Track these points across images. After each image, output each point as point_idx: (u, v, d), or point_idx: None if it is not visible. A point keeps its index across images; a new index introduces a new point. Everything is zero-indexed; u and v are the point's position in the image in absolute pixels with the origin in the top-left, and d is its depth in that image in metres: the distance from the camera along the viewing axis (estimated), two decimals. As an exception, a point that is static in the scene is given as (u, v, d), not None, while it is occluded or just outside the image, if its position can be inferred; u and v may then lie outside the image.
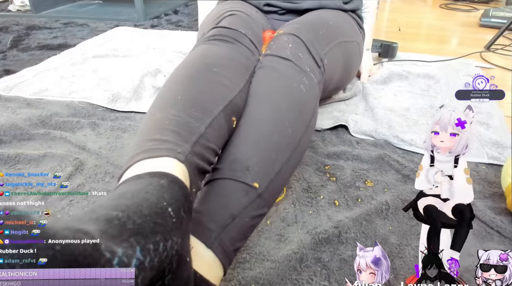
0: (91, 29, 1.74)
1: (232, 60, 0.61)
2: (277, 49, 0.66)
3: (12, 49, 1.44)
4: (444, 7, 2.33)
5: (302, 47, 0.67)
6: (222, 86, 0.55)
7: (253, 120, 0.56)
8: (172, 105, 0.50)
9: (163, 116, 0.48)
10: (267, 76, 0.62)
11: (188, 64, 0.59)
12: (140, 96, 1.01)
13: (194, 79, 0.55)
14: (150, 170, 0.40)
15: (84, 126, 0.86)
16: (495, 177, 0.70)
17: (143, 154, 0.43)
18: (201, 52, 0.62)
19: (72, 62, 1.24)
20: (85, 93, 1.01)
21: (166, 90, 0.54)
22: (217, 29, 0.67)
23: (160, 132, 0.45)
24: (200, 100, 0.51)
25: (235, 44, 0.65)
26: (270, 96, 0.59)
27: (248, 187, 0.48)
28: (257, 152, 0.52)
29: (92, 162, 0.73)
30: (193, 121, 0.48)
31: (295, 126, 0.56)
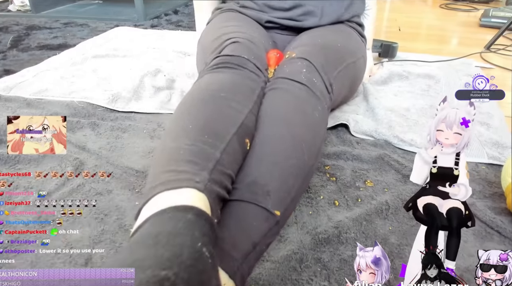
0: (91, 29, 1.74)
1: (237, 84, 0.61)
2: (291, 73, 0.65)
3: (12, 49, 1.44)
4: (444, 7, 2.33)
5: (315, 72, 0.67)
6: (231, 109, 0.54)
7: (270, 141, 0.55)
8: (184, 134, 0.48)
9: (176, 146, 0.47)
10: (282, 98, 0.62)
11: (195, 93, 0.58)
12: (140, 96, 1.01)
13: (203, 106, 0.54)
14: (172, 203, 0.39)
15: (84, 126, 0.86)
16: (495, 177, 0.70)
17: (160, 186, 0.41)
18: (206, 81, 0.62)
19: (72, 62, 1.24)
20: (85, 93, 1.01)
21: (176, 121, 0.53)
22: (220, 58, 0.67)
23: (176, 163, 0.44)
24: (212, 127, 0.50)
25: (239, 70, 0.65)
26: (287, 118, 0.58)
27: (268, 214, 0.47)
28: (276, 176, 0.51)
29: (92, 162, 0.73)
30: (207, 148, 0.47)
31: (310, 152, 0.56)
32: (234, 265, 0.42)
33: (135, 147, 0.79)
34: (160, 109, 0.95)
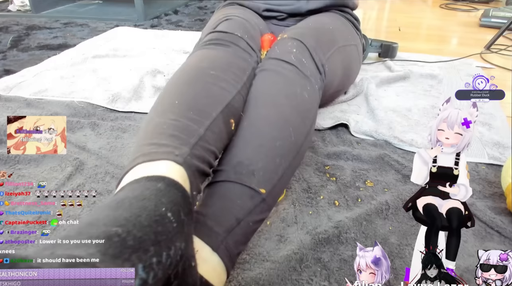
0: (91, 29, 1.74)
1: (228, 63, 0.61)
2: (281, 53, 0.66)
3: (12, 49, 1.44)
4: (444, 7, 2.33)
5: (306, 52, 0.67)
6: (219, 89, 0.55)
7: (258, 123, 0.55)
8: (170, 110, 0.50)
9: (161, 121, 0.48)
10: (271, 80, 0.62)
11: (185, 70, 0.59)
12: (140, 96, 1.01)
13: (191, 83, 0.55)
14: (147, 174, 0.40)
15: (84, 126, 0.86)
16: (495, 177, 0.70)
17: (141, 157, 0.43)
18: (197, 57, 0.63)
19: (72, 62, 1.24)
20: (85, 93, 1.01)
21: (164, 96, 0.54)
22: (213, 34, 0.68)
23: (159, 136, 0.46)
24: (198, 104, 0.51)
25: (231, 47, 0.65)
26: (274, 100, 0.58)
27: (253, 192, 0.49)
28: (262, 156, 0.52)
29: (92, 162, 0.73)
30: (192, 125, 0.48)
31: (298, 133, 0.57)
32: (217, 239, 0.44)
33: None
34: (160, 109, 0.95)
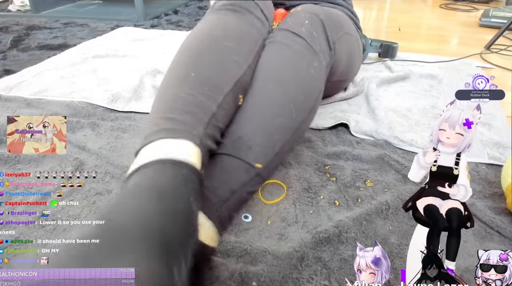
0: (91, 29, 1.74)
1: (242, 33, 0.60)
2: (292, 25, 0.65)
3: (12, 49, 1.44)
4: (444, 7, 2.33)
5: (319, 25, 0.66)
6: (232, 62, 0.55)
7: (260, 100, 0.56)
8: (185, 81, 0.51)
9: (177, 93, 0.49)
10: (278, 54, 0.62)
11: (198, 37, 0.58)
12: (140, 96, 1.01)
13: (205, 54, 0.55)
14: (170, 153, 0.42)
15: (84, 126, 0.86)
16: (495, 177, 0.70)
17: (162, 132, 0.44)
18: (211, 23, 0.61)
19: (72, 62, 1.24)
20: (85, 93, 1.01)
21: (179, 64, 0.54)
22: (229, 1, 0.66)
23: (176, 111, 0.47)
24: (212, 78, 0.52)
25: (246, 15, 0.63)
26: (279, 76, 0.59)
27: (248, 166, 0.51)
28: (261, 133, 0.53)
29: (92, 162, 0.73)
30: (205, 101, 0.49)
31: (300, 110, 0.58)
32: (212, 208, 0.48)
33: (135, 147, 0.78)
34: (160, 109, 0.95)
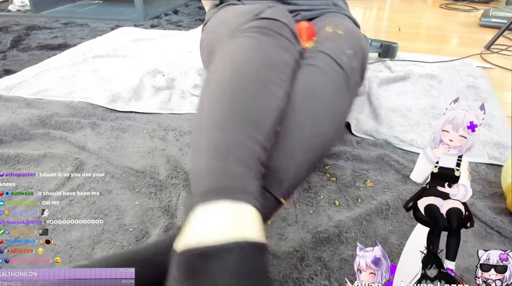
0: (91, 29, 1.74)
1: (276, 58, 0.58)
2: (334, 51, 0.63)
3: (12, 49, 1.44)
4: (444, 7, 2.33)
5: (359, 56, 0.65)
6: (271, 95, 0.53)
7: (295, 133, 0.55)
8: (232, 123, 0.47)
9: (224, 137, 0.46)
10: (316, 82, 0.60)
11: (236, 67, 0.55)
12: (140, 96, 1.01)
13: (248, 88, 0.52)
14: (242, 229, 0.38)
15: (84, 126, 0.86)
16: (495, 177, 0.70)
17: (222, 191, 0.41)
18: (245, 49, 0.58)
19: (72, 62, 1.24)
20: (85, 93, 1.01)
21: (219, 101, 0.50)
22: (258, 21, 0.62)
23: (228, 160, 0.43)
24: (256, 116, 0.49)
25: (277, 38, 0.61)
26: (315, 109, 0.57)
27: (275, 200, 0.50)
28: (292, 168, 0.52)
29: (92, 162, 0.73)
30: (253, 145, 0.46)
31: (328, 145, 0.58)
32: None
33: (135, 147, 0.78)
34: (160, 109, 0.95)
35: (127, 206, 0.62)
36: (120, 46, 1.41)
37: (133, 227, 0.58)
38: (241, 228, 0.38)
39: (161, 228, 0.56)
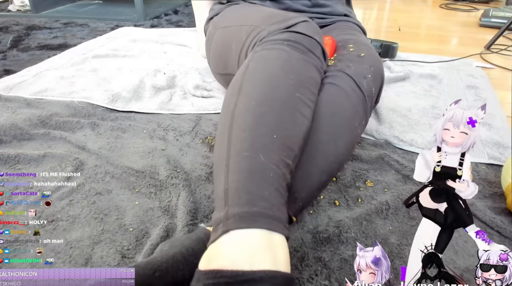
0: (91, 29, 1.74)
1: (308, 78, 0.57)
2: (356, 74, 0.63)
3: (12, 49, 1.44)
4: (444, 7, 2.33)
5: (378, 83, 0.66)
6: (301, 116, 0.52)
7: (312, 152, 0.55)
8: (271, 146, 0.46)
9: (262, 161, 0.44)
10: (337, 102, 0.60)
11: (271, 82, 0.53)
12: (140, 96, 1.01)
13: (282, 108, 0.50)
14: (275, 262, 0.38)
15: (84, 126, 0.86)
16: (495, 177, 0.70)
17: (258, 219, 0.40)
18: (280, 65, 0.56)
19: (72, 62, 1.24)
20: (85, 93, 1.01)
21: (255, 116, 0.48)
22: (292, 34, 0.60)
23: (268, 188, 0.43)
24: (288, 140, 0.48)
25: (309, 55, 0.60)
26: (334, 130, 0.58)
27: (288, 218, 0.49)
28: (307, 188, 0.53)
29: (92, 162, 0.73)
30: (286, 174, 0.46)
31: (341, 166, 0.60)
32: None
33: (135, 146, 0.78)
34: (160, 110, 0.95)
35: (127, 206, 0.62)
36: (120, 46, 1.41)
37: (133, 227, 0.58)
38: (275, 259, 0.38)
39: (161, 228, 0.56)
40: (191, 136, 0.83)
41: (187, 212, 0.59)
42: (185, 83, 1.07)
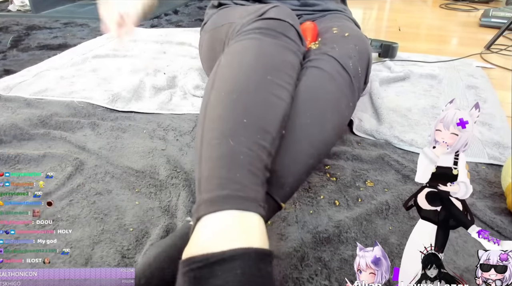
0: (91, 29, 1.74)
1: (281, 61, 0.56)
2: (341, 55, 0.61)
3: (12, 49, 1.44)
4: (444, 7, 2.33)
5: (365, 62, 0.64)
6: (276, 98, 0.52)
7: (298, 137, 0.54)
8: (240, 130, 0.46)
9: (235, 146, 0.44)
10: (321, 85, 0.59)
11: (237, 70, 0.53)
12: (140, 96, 1.01)
13: (253, 93, 0.50)
14: (247, 239, 0.38)
15: (84, 126, 0.86)
16: (495, 177, 0.70)
17: (229, 200, 0.40)
18: (250, 51, 0.56)
19: (72, 62, 1.24)
20: (85, 93, 1.01)
21: (226, 104, 0.48)
22: (263, 22, 0.60)
23: (239, 169, 0.42)
24: (263, 123, 0.48)
25: (281, 39, 0.59)
26: (319, 113, 0.57)
27: (275, 203, 0.50)
28: (294, 172, 0.52)
29: (92, 162, 0.73)
30: (263, 156, 0.46)
31: (328, 151, 0.58)
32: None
33: (135, 146, 0.78)
34: (160, 110, 0.95)
35: (127, 206, 0.62)
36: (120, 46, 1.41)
37: (133, 227, 0.58)
38: (247, 236, 0.38)
39: (161, 228, 0.56)
40: (191, 136, 0.83)
41: (187, 212, 0.59)
42: (185, 83, 1.07)
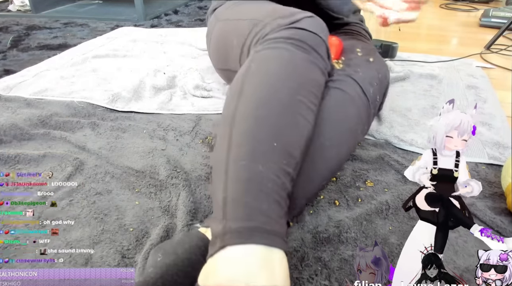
0: (91, 29, 1.74)
1: (311, 80, 0.55)
2: (363, 81, 0.62)
3: (12, 49, 1.44)
4: (444, 7, 2.33)
5: (383, 90, 0.66)
6: (303, 120, 0.51)
7: (315, 158, 0.54)
8: (270, 154, 0.45)
9: (261, 170, 0.43)
10: (342, 107, 0.59)
11: (273, 81, 0.51)
12: (140, 96, 1.01)
13: (284, 113, 0.49)
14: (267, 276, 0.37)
15: (84, 126, 0.86)
16: (495, 177, 0.70)
17: (255, 234, 0.39)
18: (282, 64, 0.53)
19: (72, 62, 1.24)
20: (85, 93, 1.01)
21: (256, 120, 0.47)
22: (296, 31, 0.57)
23: (266, 199, 0.42)
24: (290, 147, 0.47)
25: (312, 55, 0.57)
26: (337, 136, 0.57)
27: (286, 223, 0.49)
28: (307, 193, 0.53)
29: (92, 162, 0.73)
30: (287, 184, 0.45)
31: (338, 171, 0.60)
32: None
33: (135, 146, 0.78)
34: (160, 110, 0.95)
35: (127, 206, 0.62)
36: (120, 46, 1.41)
37: (133, 227, 0.58)
38: (271, 274, 0.38)
39: (161, 228, 0.56)
40: (191, 136, 0.83)
41: (187, 212, 0.59)
42: (185, 83, 1.07)
